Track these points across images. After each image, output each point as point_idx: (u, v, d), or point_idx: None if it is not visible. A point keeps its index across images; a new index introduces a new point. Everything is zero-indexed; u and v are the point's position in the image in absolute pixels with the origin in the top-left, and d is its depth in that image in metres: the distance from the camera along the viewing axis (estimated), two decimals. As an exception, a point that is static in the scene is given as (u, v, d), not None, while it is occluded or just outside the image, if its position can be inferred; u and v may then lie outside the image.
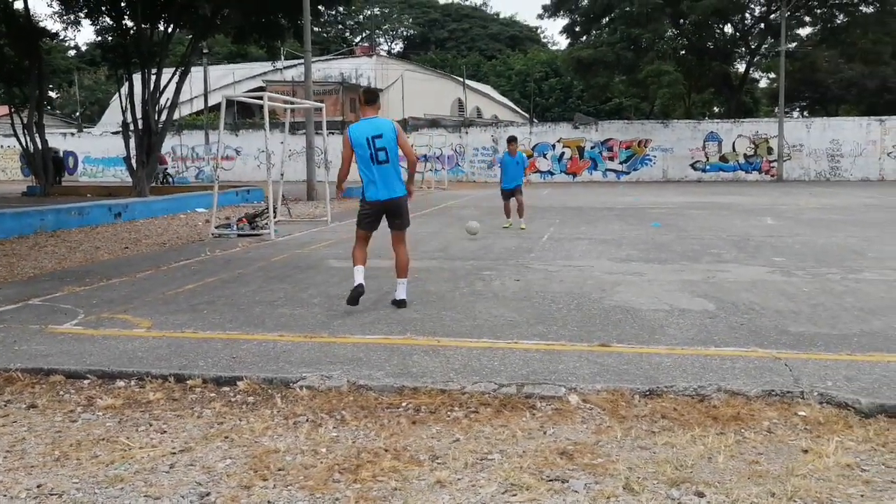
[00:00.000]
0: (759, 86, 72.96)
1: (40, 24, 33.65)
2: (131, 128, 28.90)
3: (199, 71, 50.11)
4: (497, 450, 4.57)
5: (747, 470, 4.25)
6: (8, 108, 35.96)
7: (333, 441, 4.76)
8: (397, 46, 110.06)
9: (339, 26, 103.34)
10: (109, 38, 32.06)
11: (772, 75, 66.28)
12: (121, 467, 4.39)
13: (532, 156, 44.35)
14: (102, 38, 32.68)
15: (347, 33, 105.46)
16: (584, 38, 53.61)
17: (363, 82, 58.65)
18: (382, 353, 6.58)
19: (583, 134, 46.40)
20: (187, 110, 57.91)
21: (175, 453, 4.61)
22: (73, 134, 55.87)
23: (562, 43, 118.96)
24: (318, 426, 5.03)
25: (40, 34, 32.33)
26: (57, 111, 79.39)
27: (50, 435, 4.97)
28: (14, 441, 4.87)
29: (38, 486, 4.15)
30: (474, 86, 77.20)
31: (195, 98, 55.54)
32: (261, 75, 61.76)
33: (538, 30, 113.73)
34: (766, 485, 4.04)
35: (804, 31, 54.14)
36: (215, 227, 17.10)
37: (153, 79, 28.19)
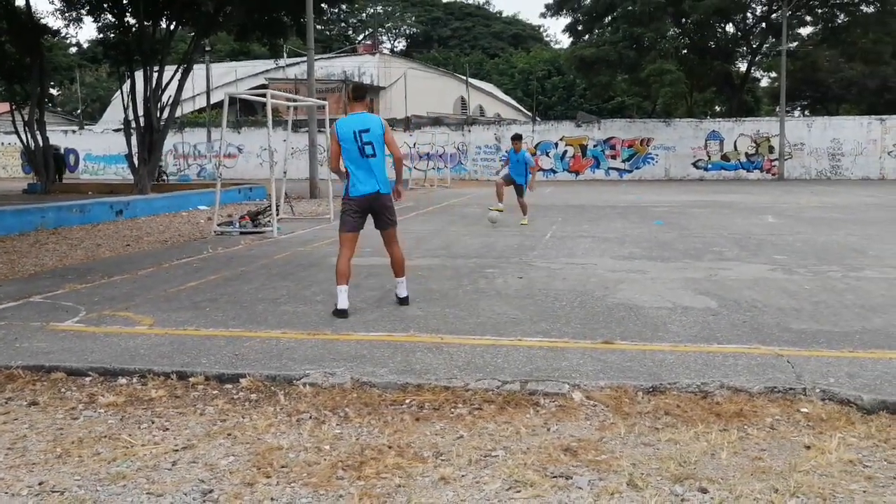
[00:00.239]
0: (760, 85, 73.02)
1: (42, 20, 33.69)
2: (133, 125, 28.88)
3: (202, 68, 50.12)
4: (501, 446, 4.56)
5: (750, 466, 4.25)
6: (9, 106, 35.95)
7: (337, 438, 4.75)
8: (400, 44, 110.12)
9: (342, 24, 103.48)
10: (111, 36, 31.97)
11: (773, 74, 66.31)
12: (123, 465, 4.39)
13: (535, 154, 44.26)
14: (104, 35, 32.56)
15: (350, 31, 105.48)
16: (587, 36, 53.65)
17: (366, 80, 58.51)
18: (386, 351, 6.58)
19: (585, 132, 46.37)
20: (189, 108, 57.82)
21: (177, 451, 4.60)
22: (74, 131, 55.86)
23: (564, 41, 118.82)
24: (322, 423, 5.02)
25: (42, 31, 32.28)
26: (58, 108, 79.40)
27: (52, 432, 4.96)
28: (15, 438, 4.86)
29: (39, 484, 4.15)
30: (477, 84, 77.15)
31: (197, 95, 55.47)
32: (263, 73, 61.80)
33: (541, 28, 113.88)
34: (768, 480, 4.04)
35: (805, 31, 54.29)
36: (217, 225, 17.09)
37: (155, 76, 28.20)
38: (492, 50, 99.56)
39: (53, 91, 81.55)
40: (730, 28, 53.81)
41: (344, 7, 60.93)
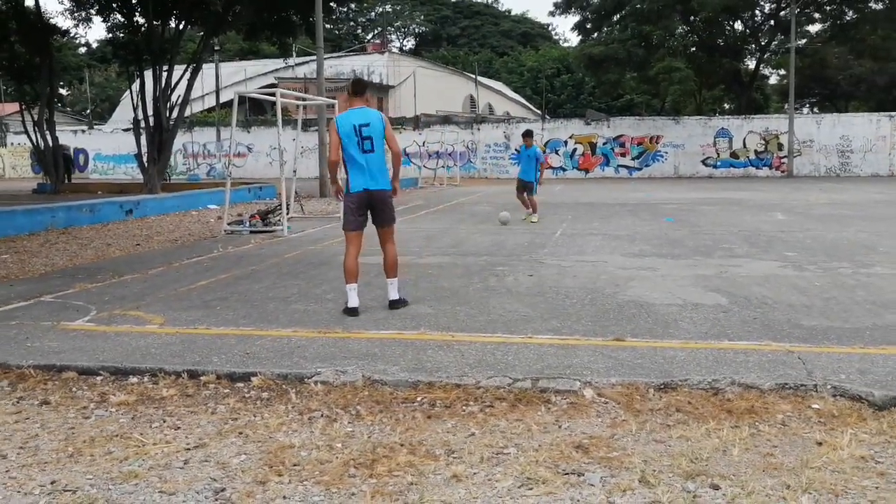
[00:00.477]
0: (769, 82, 72.85)
1: (51, 21, 33.72)
2: (142, 125, 28.95)
3: (211, 68, 50.21)
4: (513, 444, 4.56)
5: (762, 462, 4.24)
6: (19, 106, 36.05)
7: (349, 436, 4.76)
8: (409, 43, 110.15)
9: (351, 23, 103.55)
10: (120, 35, 32.06)
11: (782, 72, 66.16)
12: (135, 463, 4.39)
13: (545, 151, 44.20)
14: (113, 34, 32.64)
15: (359, 30, 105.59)
16: (596, 34, 53.68)
17: (375, 79, 58.54)
18: (397, 348, 6.58)
19: (595, 130, 46.30)
20: (199, 107, 57.94)
21: (189, 449, 4.61)
22: (83, 131, 56.03)
23: (573, 40, 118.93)
24: (333, 421, 5.03)
25: (51, 31, 32.36)
26: (68, 108, 79.62)
27: (63, 431, 4.97)
28: (27, 437, 4.87)
29: (51, 483, 4.15)
30: (486, 82, 77.13)
31: (207, 95, 55.59)
32: (273, 72, 61.81)
33: (549, 27, 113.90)
34: (780, 477, 4.03)
35: (814, 28, 54.12)
36: (227, 224, 17.11)
37: (164, 76, 28.25)
38: (501, 48, 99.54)
39: (63, 91, 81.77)
40: (738, 26, 53.76)
41: (353, 6, 60.88)
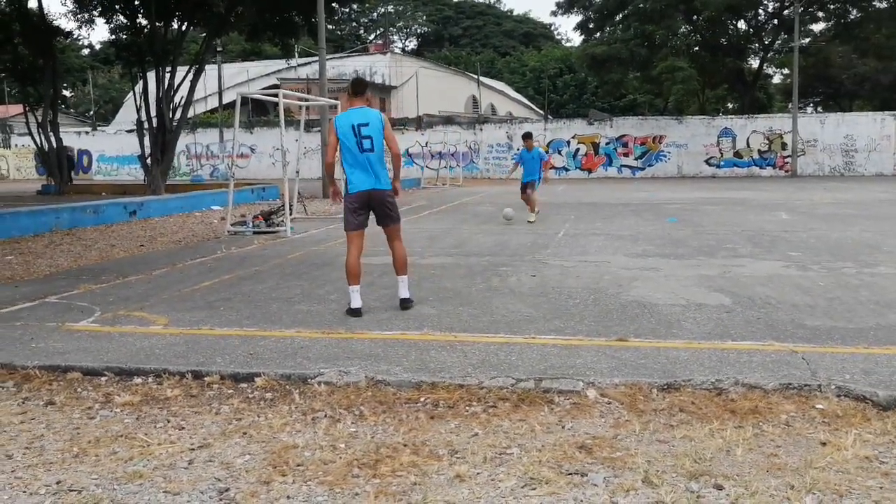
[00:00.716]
0: (772, 81, 72.89)
1: (54, 22, 33.80)
2: (146, 126, 28.96)
3: (214, 69, 50.27)
4: (516, 444, 4.57)
5: (766, 463, 4.24)
6: (23, 107, 36.10)
7: (352, 436, 4.76)
8: (411, 44, 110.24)
9: (353, 24, 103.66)
10: (123, 37, 32.09)
11: (785, 71, 66.23)
12: (139, 463, 4.40)
13: (548, 151, 44.19)
14: (116, 36, 32.69)
15: (361, 31, 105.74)
16: (598, 34, 53.71)
17: (377, 80, 58.64)
18: (400, 349, 6.58)
19: (597, 130, 46.30)
20: (202, 108, 57.95)
21: (193, 449, 4.61)
22: (87, 132, 56.16)
23: (576, 40, 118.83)
24: (337, 422, 5.03)
25: (54, 33, 32.45)
26: (71, 110, 79.77)
27: (68, 431, 4.98)
28: (33, 438, 4.88)
29: (57, 483, 4.16)
30: (488, 83, 77.18)
31: (209, 96, 55.62)
32: (275, 73, 61.93)
33: (552, 27, 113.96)
34: (784, 477, 4.03)
35: (817, 27, 54.16)
36: (231, 225, 17.13)
37: (167, 77, 28.28)
38: (503, 48, 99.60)
39: (66, 93, 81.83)
40: (741, 25, 53.76)
41: (355, 6, 61.01)
